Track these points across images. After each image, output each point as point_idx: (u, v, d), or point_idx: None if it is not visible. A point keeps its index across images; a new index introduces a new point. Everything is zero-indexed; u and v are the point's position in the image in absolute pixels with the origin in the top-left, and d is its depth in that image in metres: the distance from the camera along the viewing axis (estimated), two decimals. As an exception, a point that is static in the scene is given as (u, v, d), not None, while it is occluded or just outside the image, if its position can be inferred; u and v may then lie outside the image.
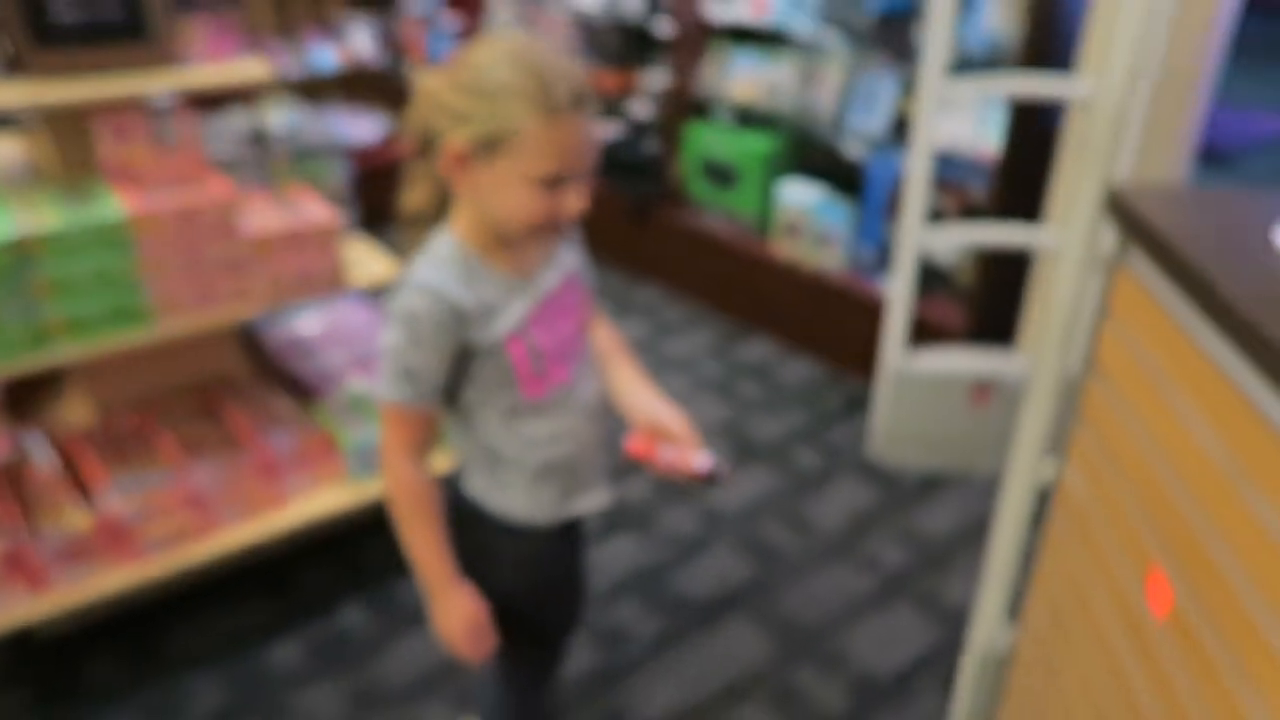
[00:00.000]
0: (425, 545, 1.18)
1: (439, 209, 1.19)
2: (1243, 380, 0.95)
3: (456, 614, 1.20)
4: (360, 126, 3.98)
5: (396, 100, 4.15)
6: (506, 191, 1.08)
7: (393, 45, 4.07)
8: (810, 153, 3.20)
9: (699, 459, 1.13)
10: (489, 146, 1.06)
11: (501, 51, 1.05)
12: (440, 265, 1.12)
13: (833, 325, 3.00)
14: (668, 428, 1.16)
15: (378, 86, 4.18)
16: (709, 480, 1.12)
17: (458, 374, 1.16)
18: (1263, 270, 1.02)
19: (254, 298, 1.88)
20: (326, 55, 3.74)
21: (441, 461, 1.88)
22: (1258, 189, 1.24)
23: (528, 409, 1.19)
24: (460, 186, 1.11)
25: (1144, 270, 1.18)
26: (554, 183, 1.07)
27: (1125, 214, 1.20)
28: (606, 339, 1.33)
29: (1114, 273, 1.26)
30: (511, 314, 1.14)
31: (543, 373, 1.18)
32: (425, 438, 1.18)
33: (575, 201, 1.09)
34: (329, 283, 1.96)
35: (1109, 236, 1.30)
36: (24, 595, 1.74)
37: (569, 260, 1.25)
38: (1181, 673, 1.02)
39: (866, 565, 2.20)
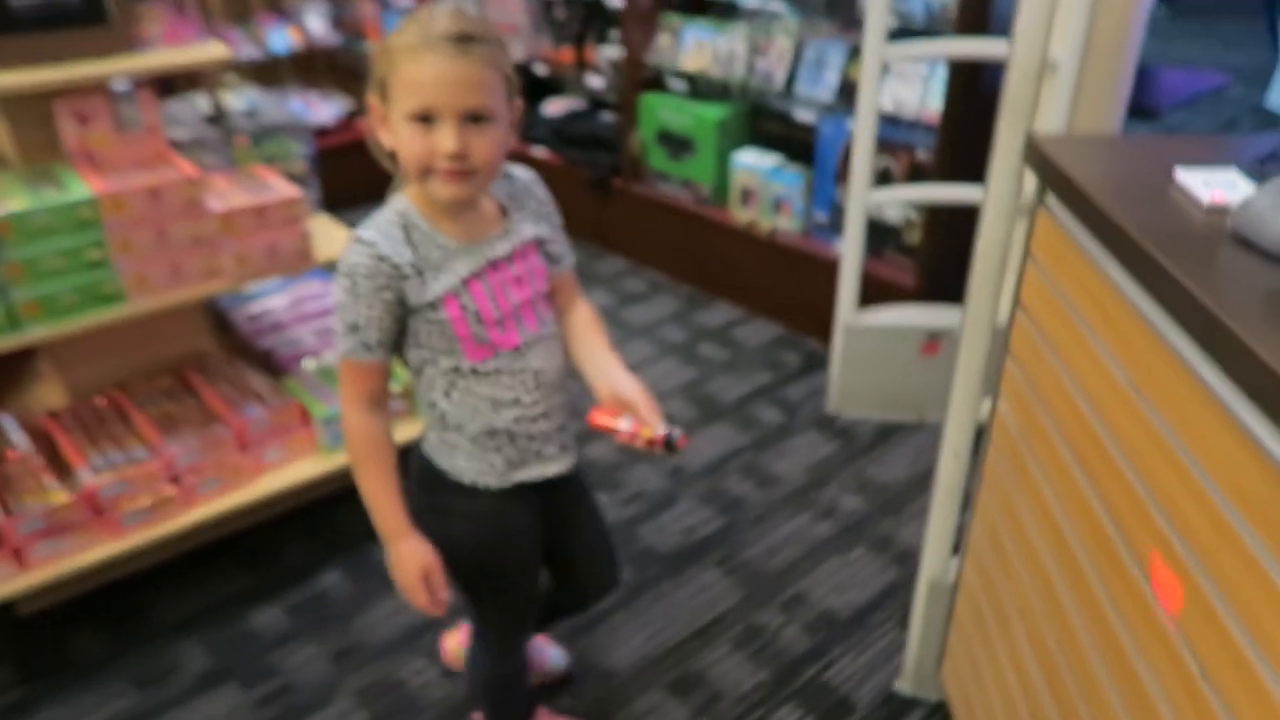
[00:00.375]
0: (377, 494, 1.25)
1: None
2: (1144, 309, 1.04)
3: (407, 562, 1.26)
4: (317, 107, 3.99)
5: (353, 80, 4.16)
6: (397, 135, 1.13)
7: (348, 25, 4.07)
8: (763, 120, 3.28)
9: (657, 429, 1.18)
10: (383, 94, 1.13)
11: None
12: (381, 224, 1.18)
13: (790, 288, 3.08)
14: (629, 400, 1.20)
15: (334, 67, 4.19)
16: (666, 448, 1.17)
17: (402, 332, 1.22)
18: (1163, 207, 1.11)
19: (223, 274, 1.93)
20: (281, 37, 3.75)
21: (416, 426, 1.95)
22: (1168, 135, 1.33)
23: (470, 372, 1.23)
24: (388, 144, 1.16)
25: (1060, 213, 1.27)
26: (425, 119, 1.10)
27: (1041, 161, 1.29)
28: (583, 314, 1.36)
29: (1035, 217, 1.35)
30: (450, 275, 1.18)
31: (483, 338, 1.22)
32: (377, 390, 1.24)
33: (445, 141, 1.10)
34: (296, 258, 2.01)
35: (1031, 184, 1.39)
36: (5, 570, 1.79)
37: (528, 231, 1.27)
38: (1101, 585, 1.12)
39: (825, 513, 2.30)
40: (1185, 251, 1.00)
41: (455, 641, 1.79)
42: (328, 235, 2.17)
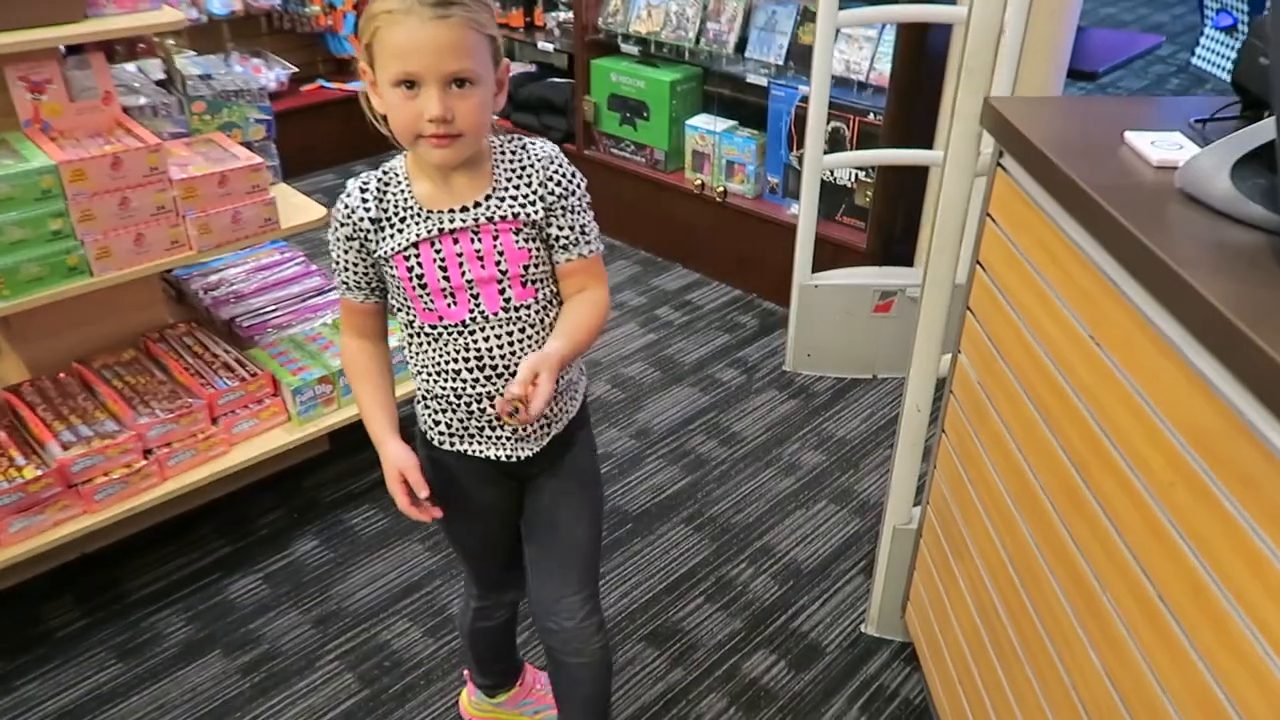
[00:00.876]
0: (362, 406, 1.30)
1: None
2: (1100, 262, 1.11)
3: (385, 465, 1.26)
4: (260, 72, 3.91)
5: (294, 43, 4.09)
6: (385, 101, 1.13)
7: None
8: (715, 83, 3.30)
9: (506, 402, 1.13)
10: (369, 59, 1.13)
11: None
12: (369, 175, 1.21)
13: (744, 250, 3.14)
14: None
15: (273, 30, 4.10)
16: (509, 415, 1.12)
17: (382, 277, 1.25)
18: (1115, 166, 1.18)
19: (187, 244, 1.91)
20: None
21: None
22: (1114, 97, 1.40)
23: (420, 330, 1.25)
24: (380, 109, 1.16)
25: (1018, 174, 1.34)
26: (409, 85, 1.09)
27: (998, 123, 1.35)
28: (577, 299, 1.26)
29: (993, 179, 1.42)
30: (402, 236, 1.19)
31: (427, 304, 1.22)
32: (365, 327, 1.29)
33: (429, 106, 1.09)
34: (260, 226, 2.00)
35: (988, 146, 1.45)
36: (-20, 548, 1.77)
37: (508, 209, 1.20)
38: (1062, 521, 1.20)
39: (787, 469, 2.38)
40: (1138, 208, 1.07)
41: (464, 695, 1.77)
42: (287, 203, 2.15)
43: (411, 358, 1.29)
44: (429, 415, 1.32)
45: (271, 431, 2.11)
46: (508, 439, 1.30)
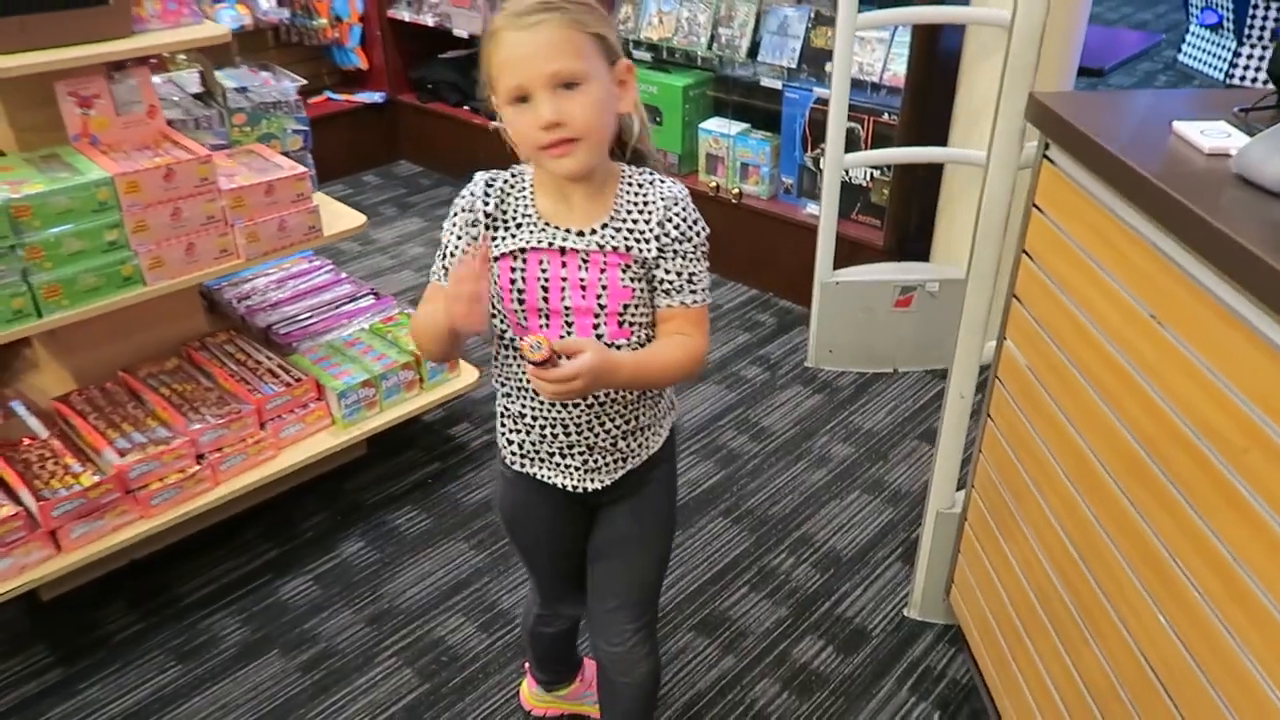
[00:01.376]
0: (428, 315, 1.21)
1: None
2: (1160, 245, 1.17)
3: (443, 300, 1.14)
4: (270, 84, 3.93)
5: (303, 55, 4.12)
6: (509, 123, 1.14)
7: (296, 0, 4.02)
8: (728, 87, 3.36)
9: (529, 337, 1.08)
10: (493, 86, 1.14)
11: None
12: (498, 172, 1.22)
13: (761, 251, 3.19)
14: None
15: (280, 43, 4.13)
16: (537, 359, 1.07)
17: None
18: (1168, 155, 1.24)
19: (235, 253, 1.95)
20: (230, 14, 3.68)
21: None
22: (1148, 91, 1.46)
23: (511, 344, 1.24)
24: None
25: (1066, 165, 1.39)
26: (522, 100, 1.11)
27: (1045, 117, 1.41)
28: (667, 338, 1.23)
29: (1038, 171, 1.47)
30: (515, 239, 1.19)
31: (521, 317, 1.21)
32: None
33: (541, 111, 1.09)
34: (305, 234, 2.03)
35: (1029, 141, 1.51)
36: (42, 553, 1.79)
37: (620, 242, 1.18)
38: (1126, 495, 1.26)
39: (818, 461, 2.43)
40: (1198, 192, 1.12)
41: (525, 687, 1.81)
42: (326, 210, 2.18)
43: (497, 370, 1.29)
44: (505, 433, 1.32)
45: (317, 435, 2.14)
46: (577, 469, 1.30)
